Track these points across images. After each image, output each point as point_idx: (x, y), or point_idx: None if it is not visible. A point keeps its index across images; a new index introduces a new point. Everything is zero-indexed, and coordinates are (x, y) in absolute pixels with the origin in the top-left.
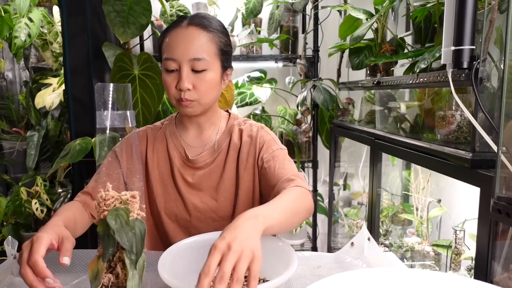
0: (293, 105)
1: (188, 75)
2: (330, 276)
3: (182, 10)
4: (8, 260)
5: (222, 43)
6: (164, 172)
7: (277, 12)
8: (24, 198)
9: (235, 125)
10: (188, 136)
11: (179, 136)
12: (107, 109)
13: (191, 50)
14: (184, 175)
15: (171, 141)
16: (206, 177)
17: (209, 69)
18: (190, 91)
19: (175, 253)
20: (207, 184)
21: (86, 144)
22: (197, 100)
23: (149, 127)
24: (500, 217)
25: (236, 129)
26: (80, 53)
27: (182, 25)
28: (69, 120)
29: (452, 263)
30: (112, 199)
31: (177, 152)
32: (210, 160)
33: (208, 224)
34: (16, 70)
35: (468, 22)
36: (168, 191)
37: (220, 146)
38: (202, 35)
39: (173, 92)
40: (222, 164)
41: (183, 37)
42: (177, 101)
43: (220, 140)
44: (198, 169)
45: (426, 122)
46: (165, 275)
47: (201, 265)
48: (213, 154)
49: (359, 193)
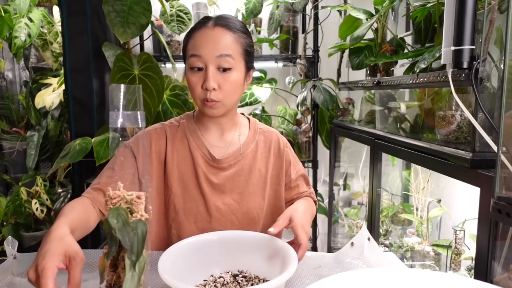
0: (293, 105)
1: (214, 74)
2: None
3: (182, 10)
4: (8, 260)
5: (246, 44)
6: (185, 172)
7: (277, 12)
8: (24, 198)
9: (259, 132)
10: (210, 135)
11: (200, 135)
12: (119, 110)
13: (218, 48)
14: (208, 175)
15: (192, 140)
16: (230, 179)
17: (234, 69)
18: (215, 91)
19: (176, 253)
20: (230, 187)
21: (86, 144)
22: (221, 101)
23: (166, 125)
24: (500, 217)
25: (261, 137)
26: (80, 53)
27: (208, 25)
28: (69, 120)
29: (452, 263)
30: (118, 198)
31: (200, 152)
32: (234, 162)
33: (226, 227)
34: (16, 70)
35: (468, 22)
36: (189, 191)
37: (245, 151)
38: (228, 35)
39: (199, 92)
40: (248, 169)
41: (210, 36)
42: (202, 102)
43: (245, 144)
44: (223, 170)
45: (426, 122)
46: (165, 275)
47: (201, 265)
48: (237, 156)
49: (359, 193)
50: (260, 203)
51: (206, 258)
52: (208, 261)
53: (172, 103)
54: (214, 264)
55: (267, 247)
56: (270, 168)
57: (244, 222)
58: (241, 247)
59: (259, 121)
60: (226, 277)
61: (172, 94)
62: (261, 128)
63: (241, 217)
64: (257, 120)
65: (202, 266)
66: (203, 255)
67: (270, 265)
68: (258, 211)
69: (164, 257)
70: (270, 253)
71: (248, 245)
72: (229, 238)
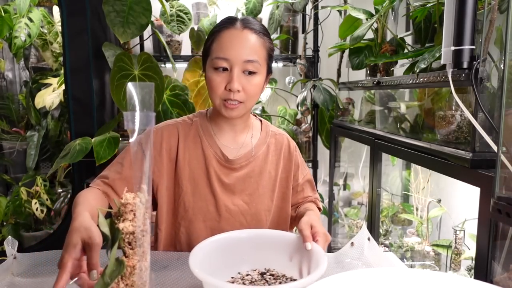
0: (293, 105)
1: (239, 76)
2: (330, 276)
3: (182, 10)
4: (8, 260)
5: (270, 48)
6: (196, 171)
7: (277, 12)
8: (24, 198)
9: (271, 135)
10: (224, 136)
11: (213, 135)
12: (135, 110)
13: (246, 52)
14: (219, 175)
15: (205, 140)
16: (241, 180)
17: (258, 73)
18: (239, 92)
19: (207, 249)
20: (240, 188)
21: (86, 144)
22: (244, 102)
23: (179, 122)
24: (500, 217)
25: (273, 140)
26: (80, 53)
27: (237, 27)
28: (69, 120)
29: (452, 263)
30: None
31: (212, 152)
32: (246, 164)
33: (235, 228)
34: (16, 70)
35: (468, 22)
36: (199, 190)
37: (257, 153)
38: (255, 39)
39: (221, 92)
40: (259, 171)
41: (238, 39)
42: (223, 102)
43: (257, 146)
44: (234, 171)
45: (426, 122)
46: (196, 269)
47: (228, 262)
48: (249, 158)
49: (359, 193)
50: (269, 205)
51: (233, 255)
52: (236, 258)
53: (172, 103)
54: (241, 262)
55: (295, 247)
56: (279, 171)
57: (252, 223)
58: (269, 246)
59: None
60: (253, 275)
61: (172, 94)
62: (272, 130)
63: (250, 218)
64: (269, 123)
65: (229, 263)
66: (231, 252)
67: (297, 265)
68: (266, 213)
69: (195, 252)
70: (298, 253)
71: (276, 244)
72: (257, 236)
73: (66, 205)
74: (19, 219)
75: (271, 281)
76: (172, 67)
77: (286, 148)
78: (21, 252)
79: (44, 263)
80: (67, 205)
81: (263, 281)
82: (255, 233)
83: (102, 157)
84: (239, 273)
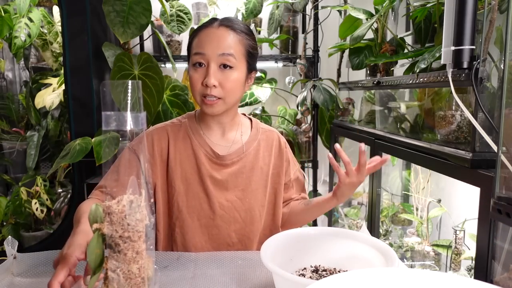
0: (293, 105)
1: (215, 71)
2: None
3: (182, 10)
4: (8, 260)
5: (249, 45)
6: (188, 170)
7: (277, 12)
8: (24, 198)
9: (261, 132)
10: (213, 134)
11: (203, 134)
12: (115, 110)
13: (221, 46)
14: (211, 172)
15: (195, 139)
16: (233, 176)
17: (235, 68)
18: (216, 88)
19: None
20: (233, 183)
21: (86, 144)
22: (222, 98)
23: (168, 124)
24: (500, 217)
25: (263, 137)
26: (80, 53)
27: (213, 25)
28: (69, 120)
29: (452, 263)
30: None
31: (202, 150)
32: (237, 160)
33: (230, 224)
34: (16, 70)
35: (468, 22)
36: (192, 188)
37: (248, 149)
38: (232, 35)
39: (199, 88)
40: (250, 166)
41: (214, 35)
42: (201, 99)
43: (248, 143)
44: (226, 167)
45: (426, 122)
46: (269, 264)
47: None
48: (240, 154)
49: (359, 193)
50: (262, 201)
51: (299, 251)
52: (302, 254)
53: (172, 103)
54: (307, 258)
55: (364, 246)
56: (271, 167)
57: (247, 219)
58: (336, 244)
59: (259, 121)
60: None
61: (172, 94)
62: (263, 127)
63: (244, 214)
64: (258, 120)
65: (295, 258)
66: (297, 248)
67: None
68: (260, 209)
69: (265, 247)
70: (368, 252)
71: (344, 242)
72: (325, 233)
73: (66, 205)
74: (19, 219)
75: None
76: (172, 67)
77: (277, 144)
78: (21, 252)
79: (44, 263)
80: (67, 205)
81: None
82: (323, 230)
83: (102, 157)
84: (305, 268)
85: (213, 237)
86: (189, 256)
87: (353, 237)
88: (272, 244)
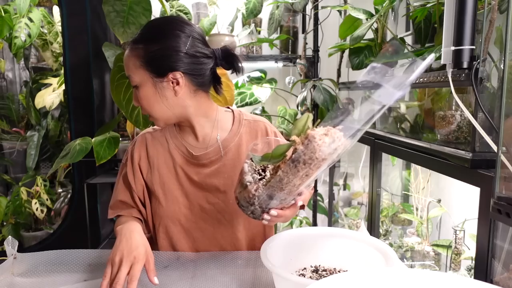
0: (293, 105)
1: (134, 93)
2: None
3: (182, 10)
4: (8, 260)
5: (146, 52)
6: (166, 174)
7: (277, 12)
8: (24, 198)
9: (244, 124)
10: (189, 137)
11: (180, 137)
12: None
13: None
14: (188, 173)
15: (172, 142)
16: (212, 177)
17: (140, 85)
18: (140, 107)
19: (276, 244)
20: (213, 185)
21: (86, 144)
22: (149, 115)
23: (148, 132)
24: (500, 217)
25: (246, 129)
26: (80, 53)
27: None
28: (69, 120)
29: (452, 263)
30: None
31: (178, 151)
32: (216, 159)
33: (214, 226)
34: (16, 70)
35: (468, 22)
36: (171, 192)
37: (227, 146)
38: (128, 53)
39: None
40: (231, 164)
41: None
42: None
43: (226, 140)
44: (203, 167)
45: (426, 122)
46: (269, 264)
47: (294, 257)
48: (218, 153)
49: (359, 193)
50: None
51: (299, 251)
52: (302, 254)
53: None
54: (307, 258)
55: (364, 246)
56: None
57: (233, 221)
58: (336, 244)
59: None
60: (320, 269)
61: None
62: (246, 119)
63: (229, 216)
64: (244, 112)
65: (295, 258)
66: (297, 248)
67: (368, 264)
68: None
69: (265, 247)
70: (368, 252)
71: (344, 242)
72: (325, 233)
73: (66, 205)
74: (19, 219)
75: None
76: None
77: (263, 134)
78: (21, 252)
79: (44, 263)
80: (67, 205)
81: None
82: (325, 231)
83: (102, 157)
84: (305, 268)
85: (198, 240)
86: (189, 256)
87: (353, 237)
88: (272, 244)
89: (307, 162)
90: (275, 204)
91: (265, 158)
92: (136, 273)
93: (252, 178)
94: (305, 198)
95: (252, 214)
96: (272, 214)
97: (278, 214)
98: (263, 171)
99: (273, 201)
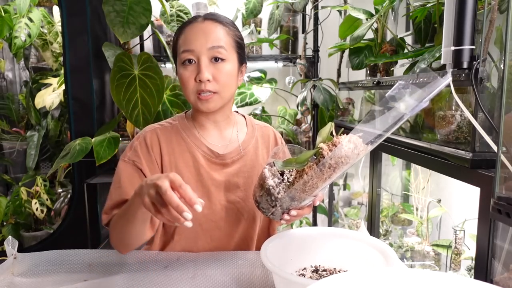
0: (293, 105)
1: (207, 65)
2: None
3: (182, 10)
4: (8, 260)
5: (237, 36)
6: (185, 175)
7: (277, 12)
8: (24, 198)
9: (257, 128)
10: (209, 134)
11: (198, 134)
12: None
13: (209, 39)
14: (211, 173)
15: (190, 141)
16: (234, 176)
17: (227, 60)
18: (210, 82)
19: (276, 244)
20: (234, 184)
21: (86, 144)
22: (218, 93)
23: (157, 127)
24: (500, 217)
25: (260, 133)
26: (80, 53)
27: (198, 20)
28: (69, 120)
29: (452, 263)
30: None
31: (200, 151)
32: (237, 158)
33: (232, 226)
34: (16, 70)
35: (468, 22)
36: None
37: (246, 147)
38: (219, 28)
39: (192, 86)
40: (251, 165)
41: (201, 30)
42: (196, 96)
43: (245, 141)
44: (226, 166)
45: (426, 122)
46: (268, 264)
47: (294, 257)
48: (239, 153)
49: (359, 193)
50: None
51: (299, 251)
52: (302, 254)
53: (172, 103)
54: (307, 258)
55: (364, 246)
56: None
57: (250, 219)
58: (336, 244)
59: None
60: (320, 269)
61: (172, 94)
62: (258, 124)
63: (247, 215)
64: (252, 117)
65: (295, 258)
66: (297, 248)
67: (368, 264)
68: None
69: (265, 247)
70: (368, 252)
71: (344, 242)
72: (325, 233)
73: (66, 205)
74: (19, 219)
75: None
76: (172, 67)
77: (273, 140)
78: (21, 252)
79: (44, 263)
80: (67, 205)
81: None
82: (326, 231)
83: (102, 157)
84: (305, 268)
85: (215, 238)
86: (189, 256)
87: (353, 237)
88: (272, 244)
89: (332, 166)
90: (296, 205)
91: (288, 164)
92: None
93: (273, 182)
94: (319, 199)
95: (272, 215)
96: (292, 214)
97: (297, 213)
98: (281, 175)
99: (294, 202)
